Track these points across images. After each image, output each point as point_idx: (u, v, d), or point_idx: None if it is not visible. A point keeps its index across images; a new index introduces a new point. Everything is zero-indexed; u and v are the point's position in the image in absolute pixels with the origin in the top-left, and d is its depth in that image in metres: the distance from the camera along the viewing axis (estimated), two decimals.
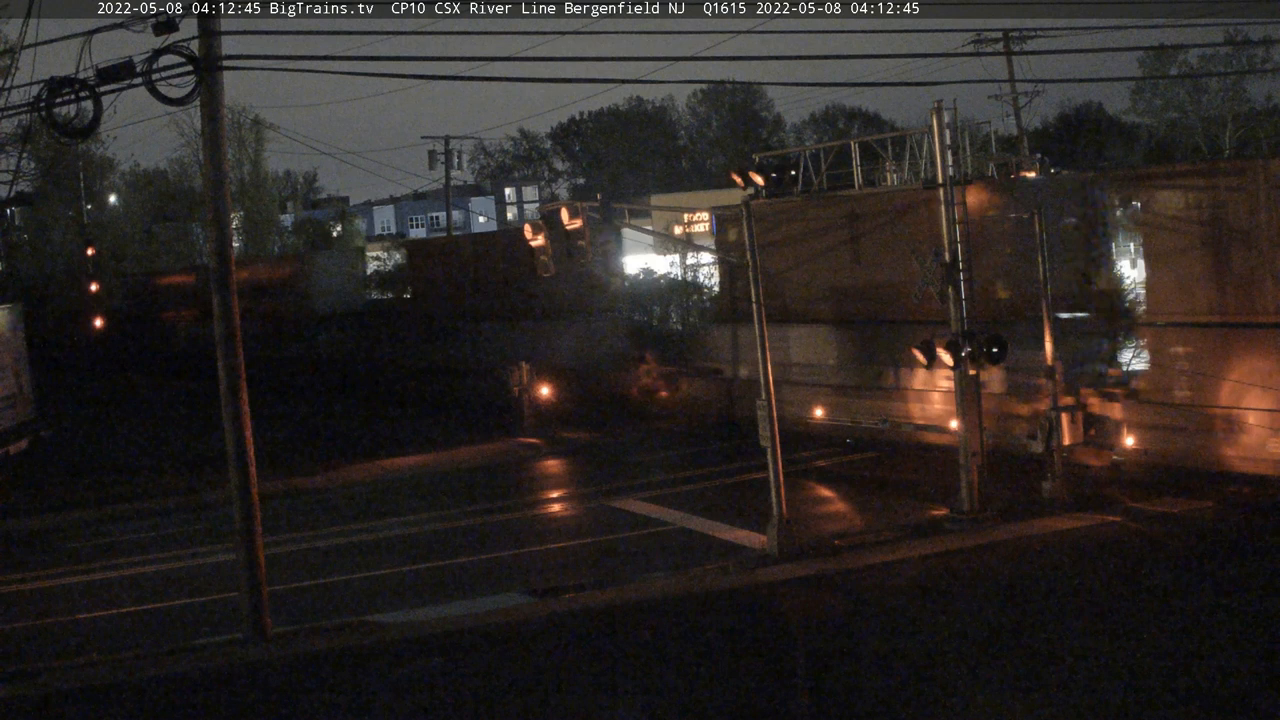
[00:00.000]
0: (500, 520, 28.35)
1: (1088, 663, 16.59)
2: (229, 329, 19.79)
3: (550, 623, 20.27)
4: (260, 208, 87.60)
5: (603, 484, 31.25)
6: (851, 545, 23.42)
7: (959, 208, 24.78)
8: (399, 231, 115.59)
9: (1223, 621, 17.95)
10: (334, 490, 33.24)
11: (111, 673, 18.83)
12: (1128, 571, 20.97)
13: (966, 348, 23.91)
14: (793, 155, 28.67)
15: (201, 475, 33.63)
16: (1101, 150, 78.54)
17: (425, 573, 24.09)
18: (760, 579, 21.82)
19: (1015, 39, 54.16)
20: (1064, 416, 25.18)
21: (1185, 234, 26.86)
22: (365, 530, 27.98)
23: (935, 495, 26.14)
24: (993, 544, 22.93)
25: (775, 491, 22.86)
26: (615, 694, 16.89)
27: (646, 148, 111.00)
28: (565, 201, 27.79)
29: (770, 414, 23.01)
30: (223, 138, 19.92)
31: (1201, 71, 74.59)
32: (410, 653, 19.04)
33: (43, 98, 18.03)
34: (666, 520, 26.64)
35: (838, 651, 18.35)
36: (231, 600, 20.68)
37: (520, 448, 37.15)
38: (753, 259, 23.53)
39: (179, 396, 55.04)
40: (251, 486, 19.95)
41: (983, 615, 19.24)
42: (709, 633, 19.45)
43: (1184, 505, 24.40)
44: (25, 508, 32.29)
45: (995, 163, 38.90)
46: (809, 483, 29.09)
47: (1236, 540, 22.41)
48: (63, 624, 22.07)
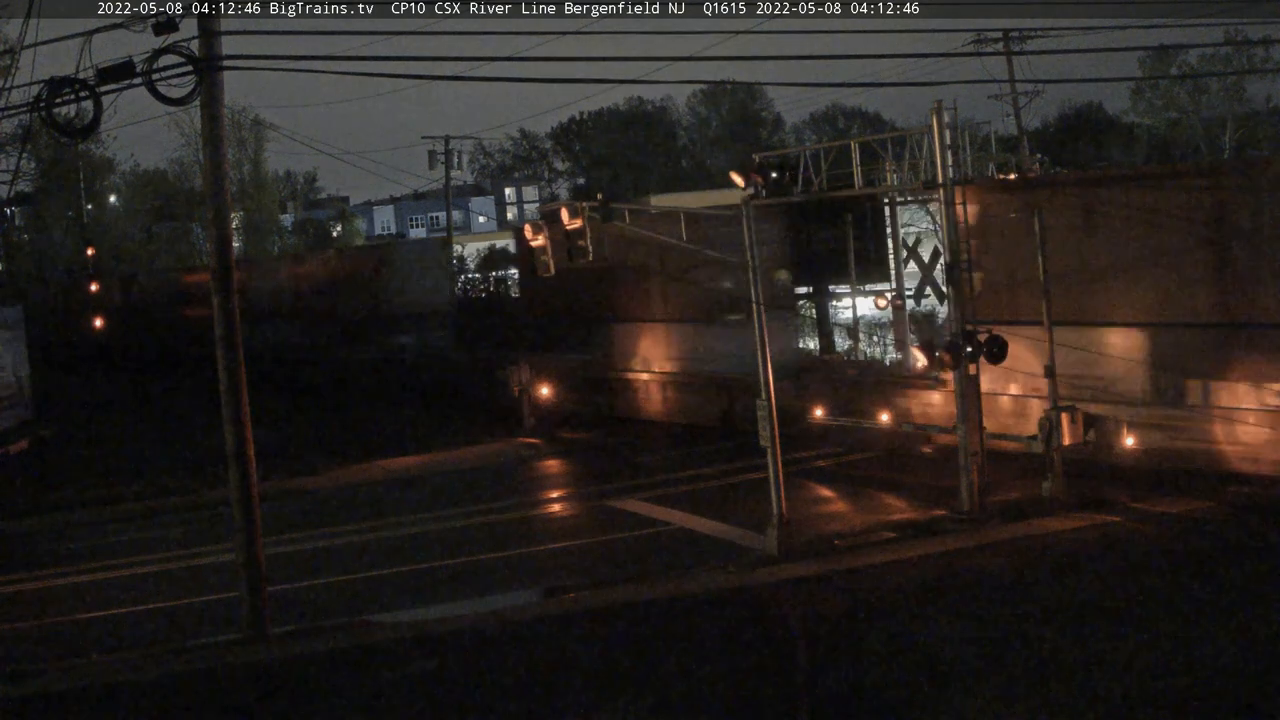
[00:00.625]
0: (500, 520, 28.35)
1: (1088, 663, 16.58)
2: (229, 329, 19.80)
3: (550, 623, 20.28)
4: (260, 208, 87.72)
5: (603, 484, 31.26)
6: (851, 545, 23.42)
7: (960, 207, 24.82)
8: (399, 231, 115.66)
9: (1223, 622, 17.94)
10: (334, 490, 33.25)
11: (111, 673, 18.83)
12: (1128, 571, 20.96)
13: (967, 348, 23.93)
14: (793, 155, 28.60)
15: (203, 475, 33.66)
16: (1101, 150, 78.55)
17: (425, 573, 24.09)
18: (760, 579, 21.81)
19: (1015, 39, 54.19)
20: (1064, 416, 25.17)
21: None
22: (365, 530, 27.99)
23: (935, 495, 26.13)
24: (992, 544, 22.93)
25: (775, 491, 22.86)
26: (615, 694, 16.88)
27: (646, 148, 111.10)
28: (565, 201, 27.81)
29: (770, 414, 23.02)
30: (223, 138, 19.94)
31: (1201, 71, 74.65)
32: (410, 653, 19.04)
33: (43, 98, 18.04)
34: (666, 520, 26.64)
35: (837, 651, 18.34)
36: (231, 600, 20.68)
37: (520, 448, 37.18)
38: (752, 259, 23.52)
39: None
40: (252, 486, 19.97)
41: (982, 615, 19.22)
42: (709, 633, 19.44)
43: (1184, 505, 24.40)
44: (25, 508, 32.31)
45: (995, 163, 38.92)
46: (809, 483, 29.08)
47: (1236, 540, 22.40)
48: (63, 624, 22.07)
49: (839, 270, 36.91)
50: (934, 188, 25.37)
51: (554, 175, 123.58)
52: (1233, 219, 26.23)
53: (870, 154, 28.86)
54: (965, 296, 24.65)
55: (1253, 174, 28.29)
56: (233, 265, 20.07)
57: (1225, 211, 26.37)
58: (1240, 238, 26.00)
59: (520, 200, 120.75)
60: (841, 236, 36.31)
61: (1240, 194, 26.37)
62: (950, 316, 24.60)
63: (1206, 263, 26.52)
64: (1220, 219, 26.38)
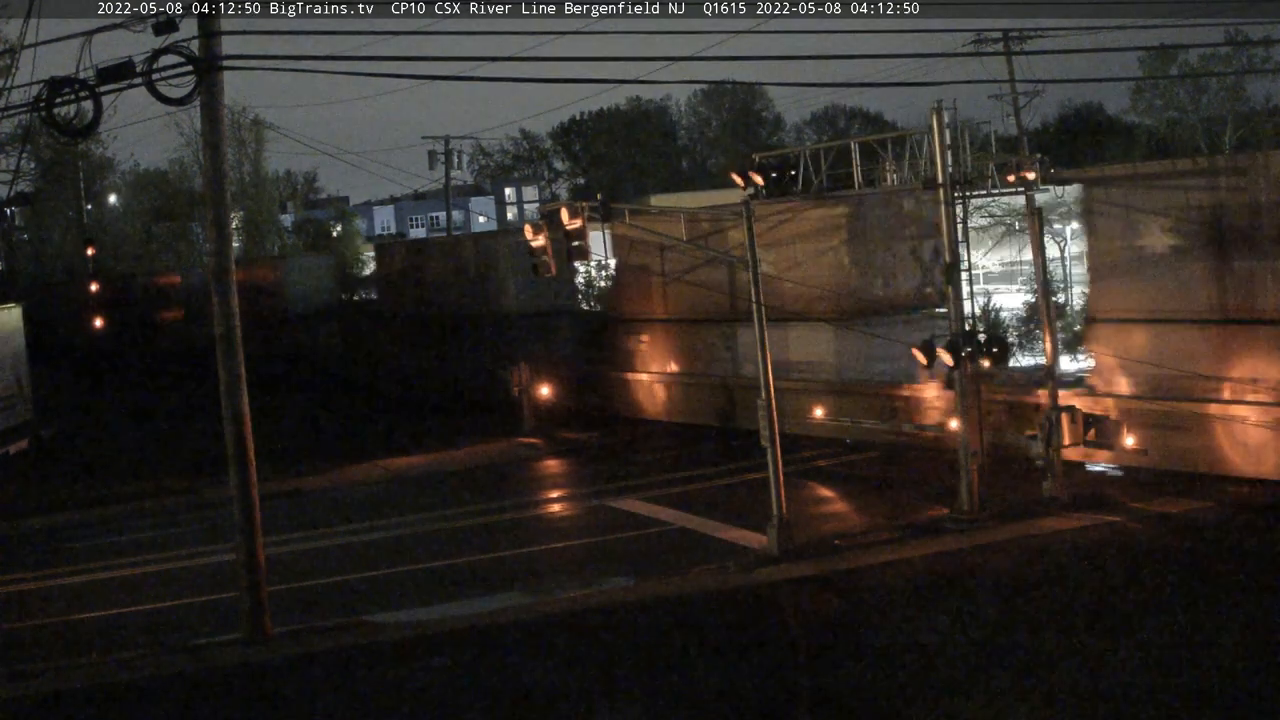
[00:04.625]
0: (500, 520, 28.35)
1: (1088, 663, 16.58)
2: (229, 329, 19.80)
3: (550, 623, 20.27)
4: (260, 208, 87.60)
5: (603, 484, 31.26)
6: (851, 545, 23.43)
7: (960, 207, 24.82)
8: (399, 231, 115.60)
9: (1223, 622, 17.94)
10: (334, 490, 33.25)
11: (111, 673, 18.84)
12: (1128, 571, 20.97)
13: (967, 348, 23.93)
14: (793, 155, 28.64)
15: (203, 475, 33.66)
16: (1102, 150, 78.49)
17: (425, 573, 24.10)
18: (760, 579, 21.82)
19: (1015, 39, 54.22)
20: (1064, 416, 25.18)
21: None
22: (365, 530, 27.99)
23: (935, 495, 26.13)
24: (992, 544, 22.93)
25: (775, 491, 22.86)
26: (615, 693, 16.90)
27: (646, 148, 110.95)
28: (565, 201, 27.81)
29: (770, 413, 23.02)
30: (223, 138, 19.95)
31: (1201, 71, 74.58)
32: (410, 653, 19.05)
33: (43, 98, 18.04)
34: (666, 520, 26.64)
35: (837, 651, 18.35)
36: (231, 600, 20.68)
37: (520, 448, 37.18)
38: (752, 259, 23.52)
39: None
40: (251, 486, 19.97)
41: (982, 615, 19.23)
42: (708, 632, 19.45)
43: (1184, 505, 24.39)
44: (25, 508, 32.30)
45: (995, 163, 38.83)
46: (809, 483, 29.08)
47: (1236, 541, 22.40)
48: (63, 624, 22.07)
49: None
50: (934, 187, 25.37)
51: (554, 175, 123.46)
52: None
53: (870, 154, 28.89)
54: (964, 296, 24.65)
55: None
56: (232, 265, 20.08)
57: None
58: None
59: (520, 200, 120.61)
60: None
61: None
62: (951, 316, 24.59)
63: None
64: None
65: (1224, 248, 25.81)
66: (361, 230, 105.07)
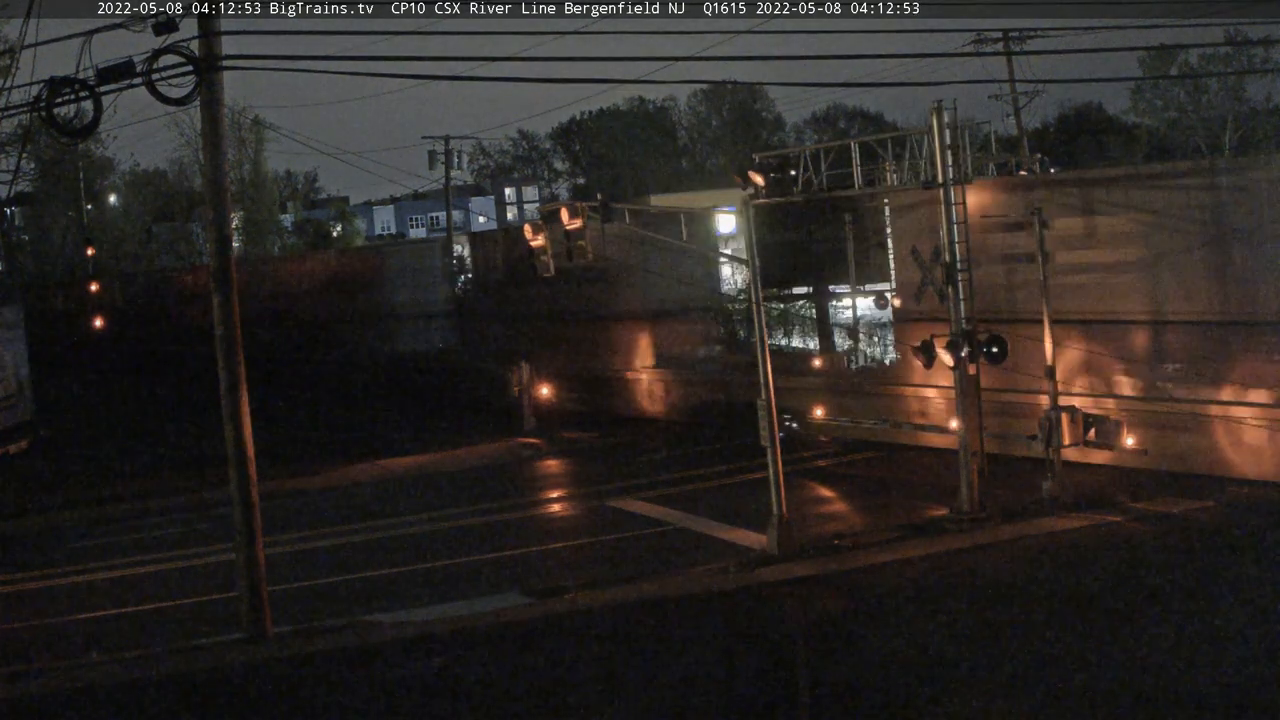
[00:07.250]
0: (500, 520, 28.35)
1: (1087, 662, 16.58)
2: (229, 328, 19.79)
3: (550, 623, 20.26)
4: (260, 208, 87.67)
5: (603, 484, 31.26)
6: (851, 545, 23.42)
7: (959, 207, 24.80)
8: (399, 231, 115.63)
9: (1223, 622, 17.94)
10: (334, 490, 33.25)
11: (111, 673, 18.83)
12: (1128, 571, 20.97)
13: (966, 348, 23.93)
14: (793, 155, 28.58)
15: (203, 475, 33.65)
16: (1102, 150, 78.53)
17: (425, 573, 24.09)
18: (760, 579, 21.82)
19: (1015, 39, 54.13)
20: (1064, 416, 25.16)
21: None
22: (365, 530, 27.98)
23: (935, 495, 26.13)
24: (993, 544, 22.93)
25: (775, 491, 22.85)
26: (615, 694, 16.90)
27: (646, 148, 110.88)
28: (565, 201, 27.80)
29: (770, 413, 23.01)
30: (223, 138, 19.94)
31: (1201, 71, 74.57)
32: (410, 653, 19.04)
33: (43, 98, 18.06)
34: (666, 520, 26.64)
35: (837, 651, 18.35)
36: (231, 600, 20.68)
37: (520, 447, 37.18)
38: (752, 259, 23.52)
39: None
40: (251, 486, 19.96)
41: (983, 615, 19.23)
42: (708, 632, 19.44)
43: (1184, 505, 24.39)
44: (25, 508, 32.31)
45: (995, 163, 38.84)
46: (809, 483, 29.09)
47: (1236, 541, 22.40)
48: (63, 624, 22.06)
49: (839, 270, 36.89)
50: (934, 187, 25.37)
51: (554, 175, 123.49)
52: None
53: (870, 154, 28.82)
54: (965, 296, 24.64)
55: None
56: (233, 265, 20.07)
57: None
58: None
59: (520, 200, 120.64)
60: (841, 236, 36.29)
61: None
62: (951, 316, 24.58)
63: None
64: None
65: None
66: (362, 230, 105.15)
